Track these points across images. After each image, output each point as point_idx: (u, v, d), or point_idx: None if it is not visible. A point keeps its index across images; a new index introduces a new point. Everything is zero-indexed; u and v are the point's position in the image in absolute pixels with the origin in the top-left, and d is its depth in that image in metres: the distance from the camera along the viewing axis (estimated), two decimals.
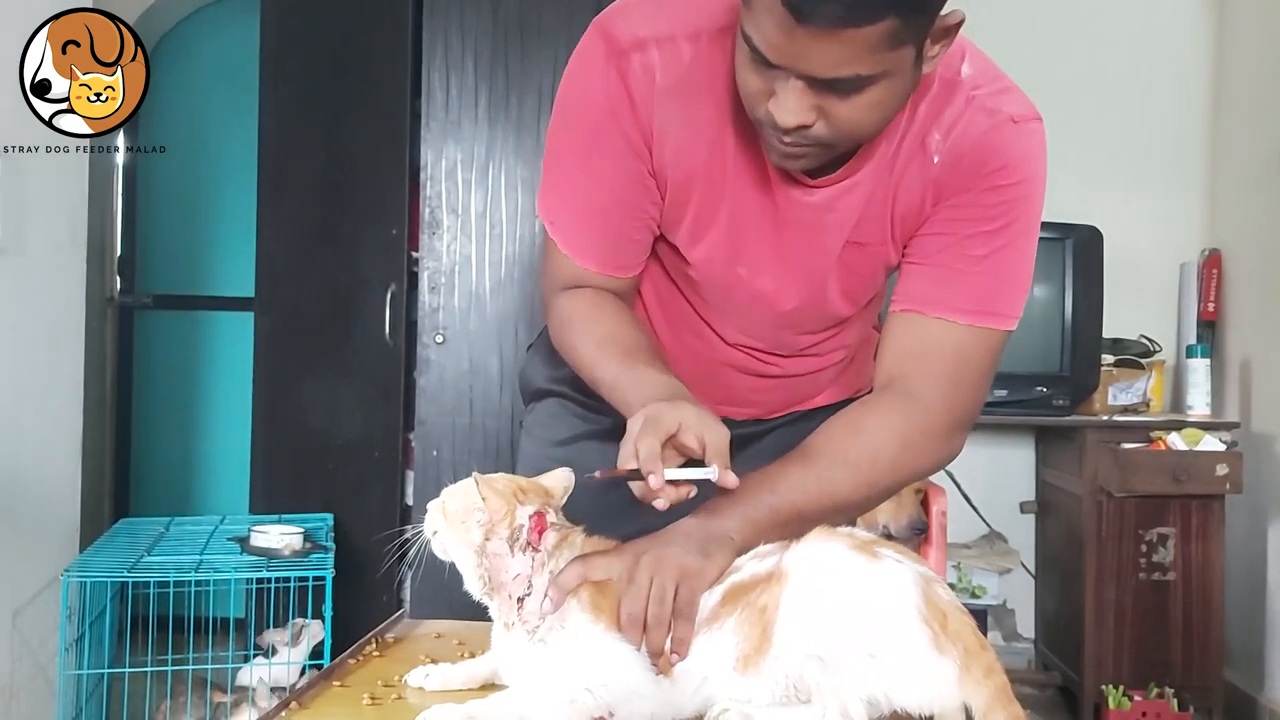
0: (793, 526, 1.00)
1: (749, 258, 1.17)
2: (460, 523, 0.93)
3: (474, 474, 0.94)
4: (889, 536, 2.14)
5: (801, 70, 0.94)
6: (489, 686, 0.98)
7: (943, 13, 0.96)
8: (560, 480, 1.00)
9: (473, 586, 0.95)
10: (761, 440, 1.33)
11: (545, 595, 0.93)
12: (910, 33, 0.93)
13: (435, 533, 0.96)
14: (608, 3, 1.14)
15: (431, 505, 0.97)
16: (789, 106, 0.96)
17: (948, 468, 1.40)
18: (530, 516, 0.93)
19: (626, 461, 0.94)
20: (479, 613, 0.99)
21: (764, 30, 0.93)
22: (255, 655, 2.46)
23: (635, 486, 0.94)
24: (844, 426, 1.11)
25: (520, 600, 0.93)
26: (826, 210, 1.12)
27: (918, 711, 0.85)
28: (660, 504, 0.94)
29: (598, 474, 0.95)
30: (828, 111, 0.97)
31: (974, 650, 0.86)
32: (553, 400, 1.36)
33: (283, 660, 2.37)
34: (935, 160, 1.08)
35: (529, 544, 0.93)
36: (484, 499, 0.93)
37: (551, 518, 0.95)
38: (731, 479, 0.96)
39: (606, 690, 0.88)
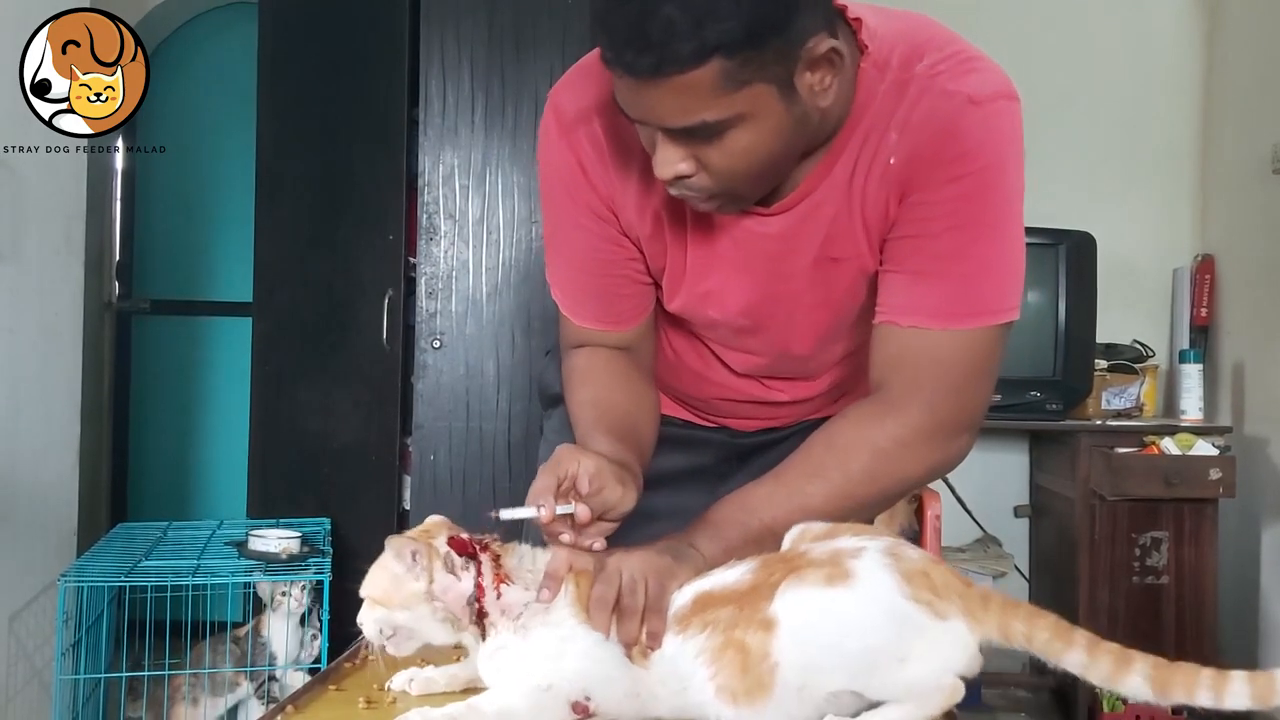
0: (767, 542, 1.00)
1: (718, 298, 1.18)
2: (397, 590, 0.94)
3: (386, 540, 0.95)
4: None
5: (653, 121, 0.95)
6: (471, 689, 0.98)
7: (809, 43, 0.91)
8: (441, 519, 1.01)
9: (443, 635, 0.96)
10: (774, 449, 1.33)
11: (541, 587, 0.94)
12: (753, 71, 0.90)
13: (387, 634, 0.96)
14: (598, 9, 1.15)
15: (363, 616, 0.97)
16: (658, 159, 0.98)
17: None
18: (446, 542, 0.96)
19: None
20: None
21: (617, 90, 0.95)
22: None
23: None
24: (820, 440, 1.10)
25: (483, 613, 0.94)
26: (789, 236, 1.11)
27: (953, 675, 0.86)
28: (566, 539, 0.98)
29: (496, 514, 0.98)
30: (703, 160, 0.97)
31: (964, 592, 0.87)
32: (564, 408, 1.37)
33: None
34: (891, 161, 1.04)
35: (465, 557, 0.95)
36: (405, 544, 0.94)
37: (465, 535, 0.97)
38: (584, 511, 0.97)
39: (580, 678, 0.91)
